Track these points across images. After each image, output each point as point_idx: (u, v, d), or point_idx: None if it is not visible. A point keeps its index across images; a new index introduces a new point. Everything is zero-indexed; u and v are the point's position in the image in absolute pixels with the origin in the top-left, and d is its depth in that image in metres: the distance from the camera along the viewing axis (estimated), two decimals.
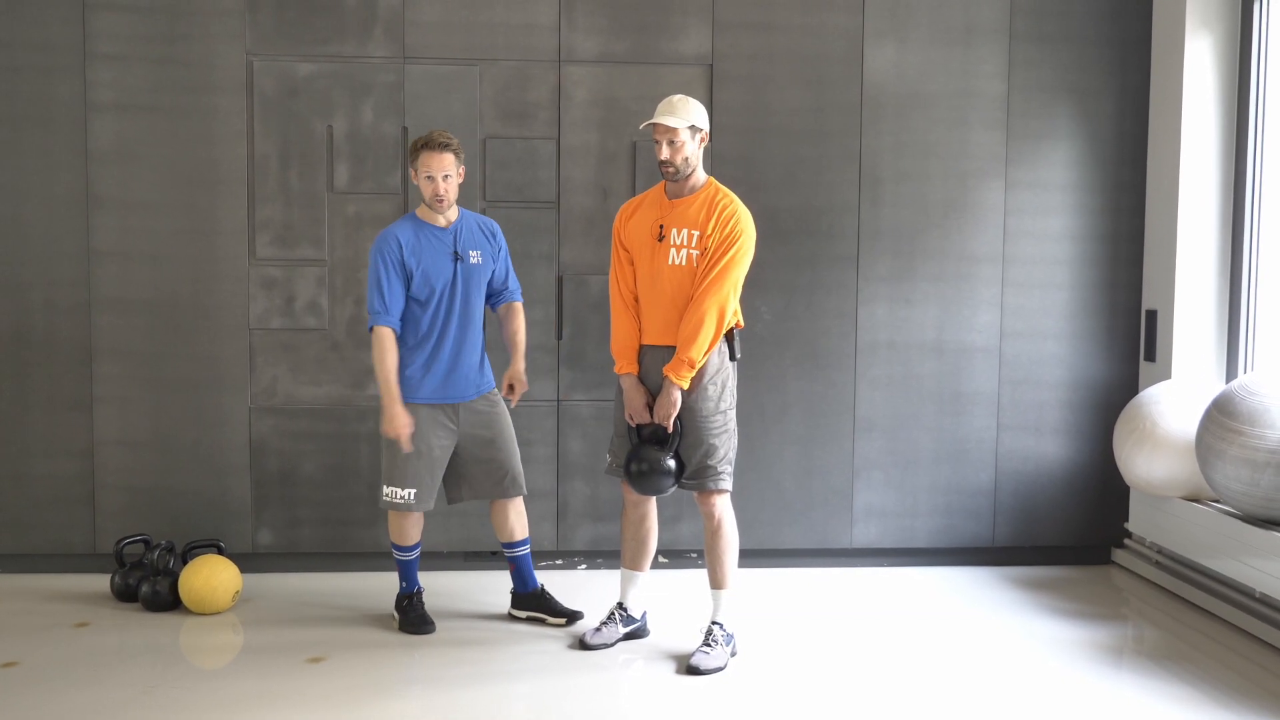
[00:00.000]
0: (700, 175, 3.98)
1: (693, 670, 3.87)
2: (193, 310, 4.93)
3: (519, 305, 4.39)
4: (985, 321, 5.21)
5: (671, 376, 3.86)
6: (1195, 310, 4.98)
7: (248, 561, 4.92)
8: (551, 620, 4.30)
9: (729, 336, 3.99)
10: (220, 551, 4.69)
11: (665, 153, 3.87)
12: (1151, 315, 5.14)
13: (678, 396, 3.88)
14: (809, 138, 5.07)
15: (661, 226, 3.93)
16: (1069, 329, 5.24)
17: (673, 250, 3.90)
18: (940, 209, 5.15)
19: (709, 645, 3.95)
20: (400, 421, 4.05)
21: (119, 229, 4.88)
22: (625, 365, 4.00)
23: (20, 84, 4.81)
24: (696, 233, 3.88)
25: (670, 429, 3.91)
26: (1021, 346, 5.22)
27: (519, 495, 4.31)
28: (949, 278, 5.18)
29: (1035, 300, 5.22)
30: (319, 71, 4.91)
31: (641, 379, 4.00)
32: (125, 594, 4.58)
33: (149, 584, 4.50)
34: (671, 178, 3.93)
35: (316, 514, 5.01)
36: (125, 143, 4.87)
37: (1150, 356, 5.15)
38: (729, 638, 4.01)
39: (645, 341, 4.00)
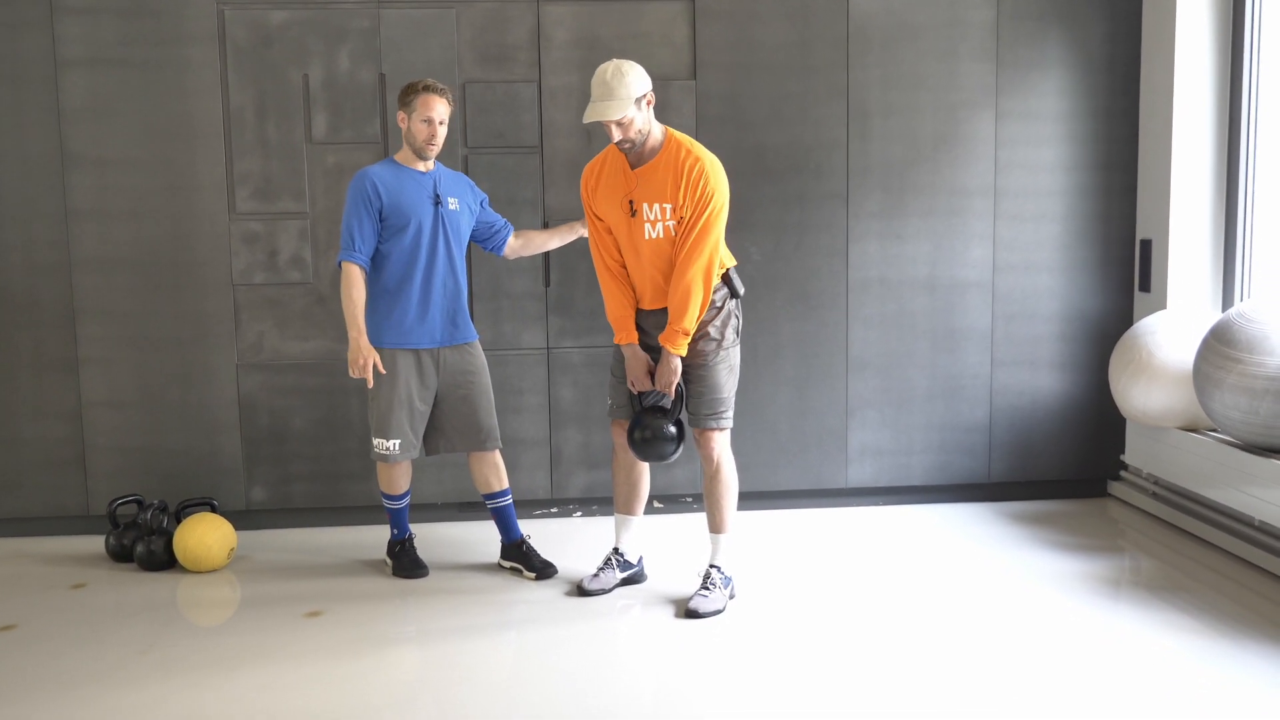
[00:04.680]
0: (656, 134, 3.81)
1: (691, 614, 3.86)
2: (174, 267, 4.86)
3: (520, 230, 4.47)
4: (978, 256, 5.15)
5: (668, 346, 3.83)
6: (1190, 239, 4.92)
7: (242, 519, 4.90)
8: (526, 573, 4.28)
9: (726, 277, 3.93)
10: (214, 509, 4.66)
11: (616, 134, 3.72)
12: (1146, 245, 5.08)
13: (677, 364, 3.85)
14: (795, 73, 4.98)
15: (631, 202, 3.82)
16: (1063, 261, 5.18)
17: (647, 225, 3.81)
18: (930, 142, 5.07)
19: (707, 588, 3.94)
20: (365, 349, 3.99)
21: (96, 187, 4.80)
22: (623, 335, 3.94)
23: None
24: (669, 205, 3.77)
25: (672, 395, 3.89)
26: (1015, 280, 5.17)
27: (495, 449, 4.29)
28: (940, 212, 5.11)
29: (1028, 233, 5.15)
30: (292, 19, 4.79)
31: (643, 344, 3.95)
32: (120, 554, 4.56)
33: (144, 544, 4.47)
34: (630, 152, 3.80)
35: (308, 469, 4.98)
36: (98, 98, 4.77)
37: (1145, 287, 5.10)
38: (727, 580, 3.99)
39: (640, 307, 3.95)
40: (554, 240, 4.46)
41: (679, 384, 3.88)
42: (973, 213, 5.12)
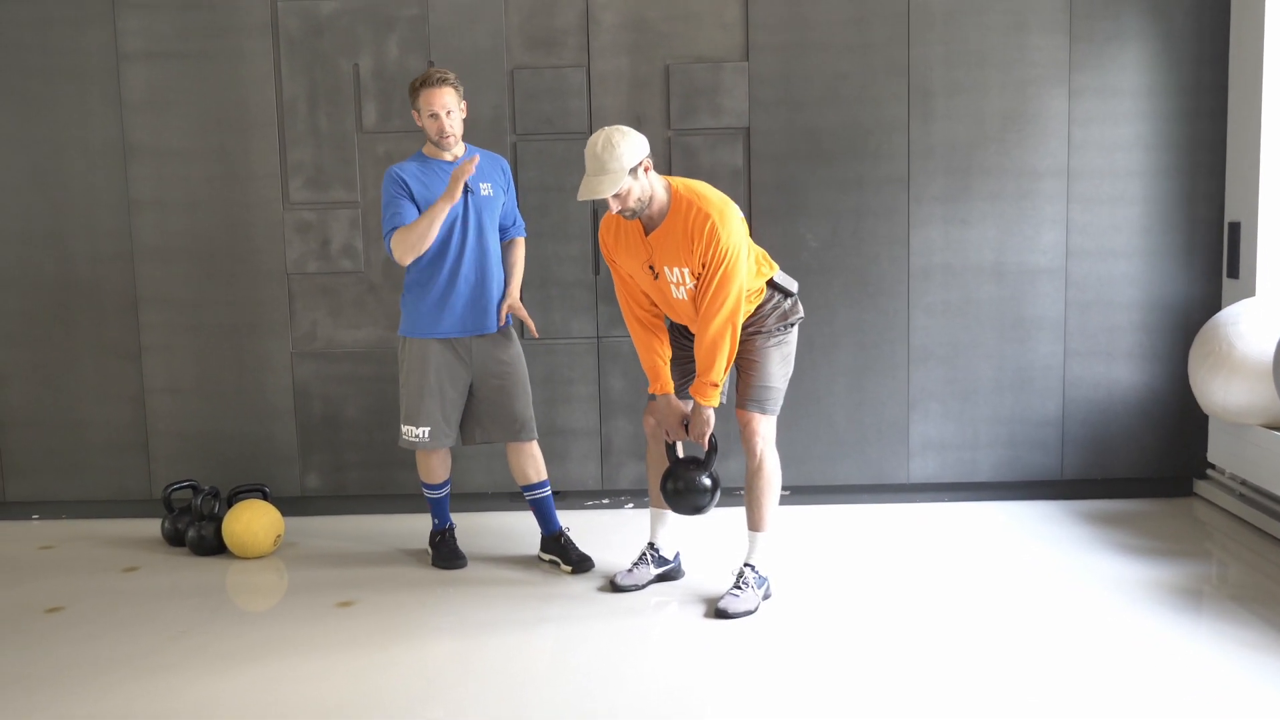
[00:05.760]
0: (660, 194, 3.63)
1: (721, 614, 3.74)
2: (230, 257, 4.93)
3: (521, 240, 4.31)
4: (1049, 241, 4.88)
5: (699, 399, 3.74)
6: None
7: (296, 505, 4.96)
8: (563, 566, 4.22)
9: (771, 284, 3.82)
10: (265, 496, 4.72)
11: (615, 206, 3.58)
12: (1235, 228, 4.74)
13: (710, 415, 3.76)
14: (852, 51, 4.78)
15: (652, 267, 3.72)
16: (1142, 246, 4.88)
17: (672, 286, 3.72)
18: (998, 122, 4.82)
19: (740, 588, 3.82)
20: (454, 181, 3.85)
21: (155, 177, 4.89)
22: (657, 385, 3.86)
23: (52, 36, 4.82)
24: (686, 269, 3.66)
25: (706, 446, 3.81)
26: (1090, 266, 4.89)
27: (530, 440, 4.23)
28: (1009, 195, 4.85)
29: (1104, 216, 4.86)
30: (342, 8, 4.80)
31: (687, 351, 3.88)
32: (175, 539, 4.66)
33: (195, 529, 4.56)
34: (634, 219, 3.67)
35: (361, 457, 5.01)
36: (157, 90, 4.85)
37: (1233, 273, 4.76)
38: (762, 580, 3.86)
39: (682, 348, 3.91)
40: (512, 278, 4.23)
41: (712, 436, 3.80)
42: (1043, 196, 4.85)
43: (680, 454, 3.90)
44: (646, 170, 3.59)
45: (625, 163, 3.52)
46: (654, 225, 3.67)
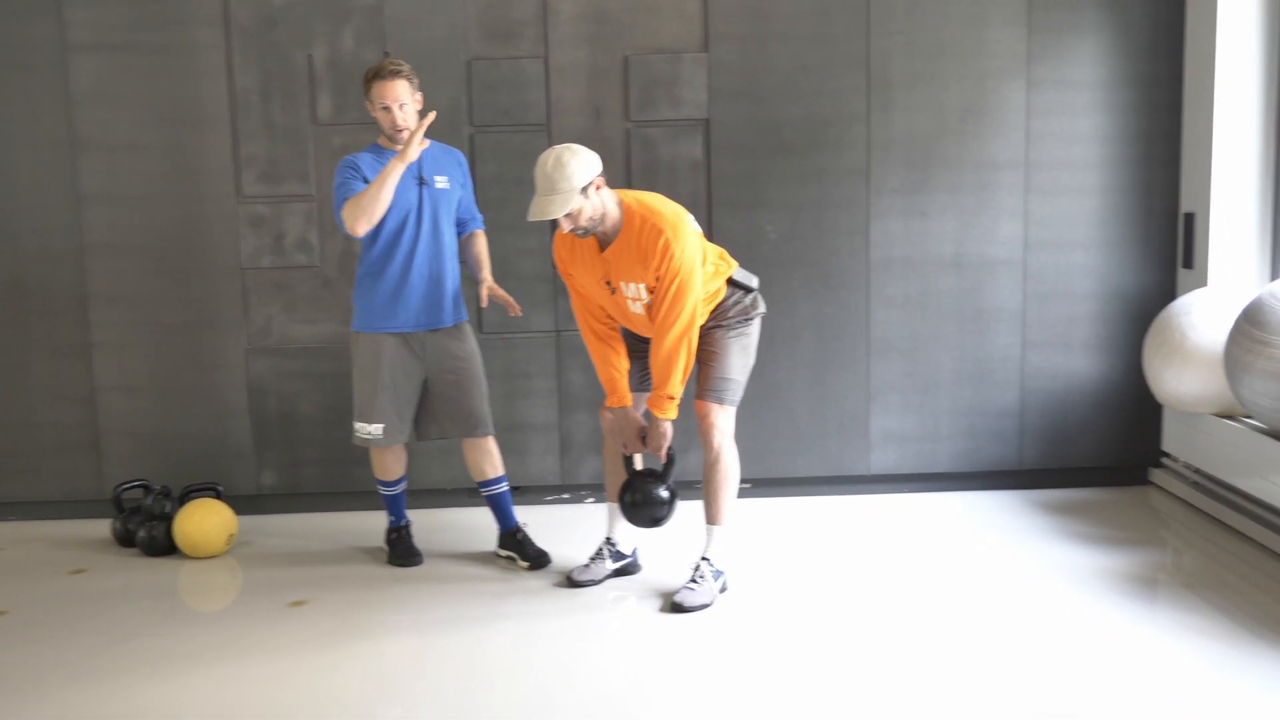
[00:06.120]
0: (613, 211, 3.61)
1: (677, 607, 3.72)
2: (183, 252, 4.85)
3: (481, 232, 4.26)
4: (1008, 232, 4.89)
5: (656, 412, 3.73)
6: (1235, 212, 4.60)
7: (252, 503, 4.89)
8: (520, 562, 4.19)
9: (731, 282, 3.82)
10: (218, 495, 4.65)
11: (567, 226, 3.56)
12: (1189, 218, 4.77)
13: (667, 428, 3.76)
14: (813, 43, 4.77)
15: (609, 282, 3.70)
16: (1100, 237, 4.89)
17: (629, 301, 3.70)
18: (957, 113, 4.82)
19: (695, 581, 3.80)
20: (405, 151, 3.80)
21: (105, 172, 4.80)
22: (614, 398, 3.83)
23: None
24: (643, 285, 3.64)
25: (664, 459, 3.81)
26: (1048, 258, 4.90)
27: (486, 435, 4.19)
28: (968, 187, 4.86)
29: (1062, 207, 4.88)
30: None
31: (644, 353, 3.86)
32: (125, 539, 4.57)
33: (145, 529, 4.48)
34: (586, 236, 3.63)
35: (318, 454, 4.95)
36: (106, 83, 4.76)
37: (1188, 263, 4.79)
38: (718, 574, 3.84)
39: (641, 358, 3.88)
40: (482, 267, 4.20)
41: (670, 449, 3.80)
42: (1002, 187, 4.86)
43: (638, 466, 3.89)
44: (598, 189, 3.56)
45: (576, 182, 3.48)
46: (609, 241, 3.65)
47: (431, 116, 3.84)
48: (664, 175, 4.80)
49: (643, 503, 3.79)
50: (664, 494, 3.79)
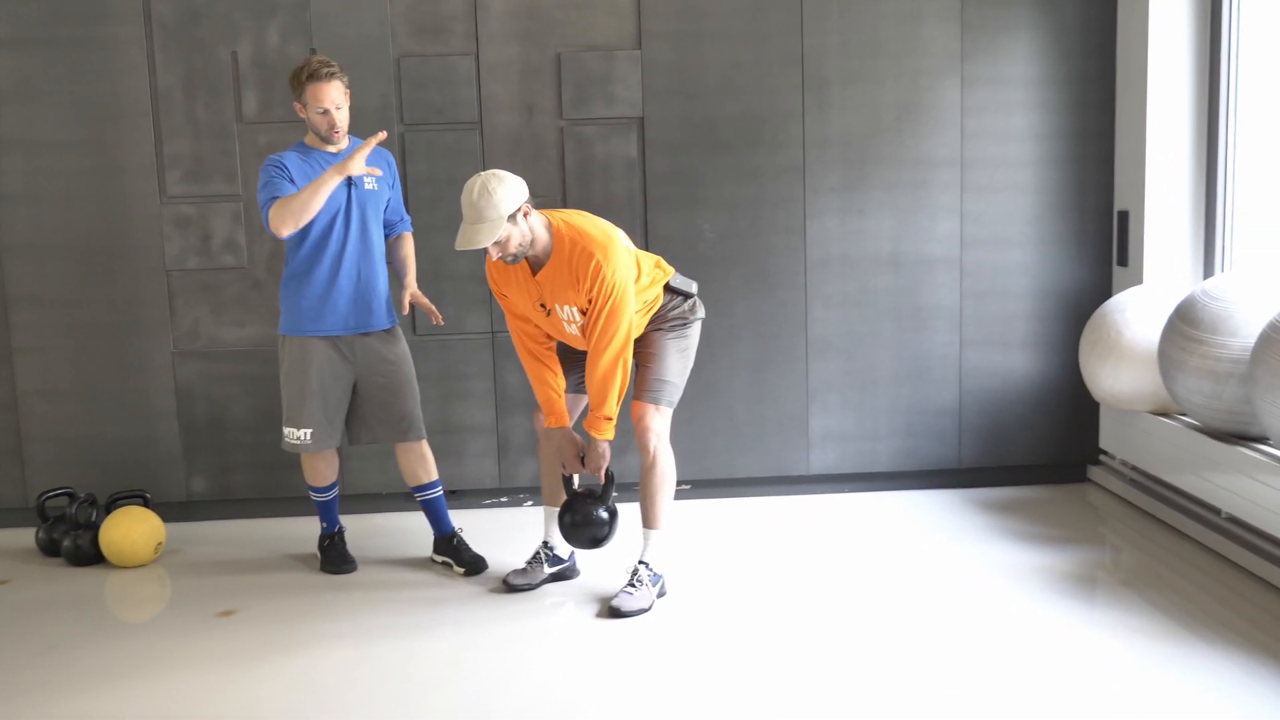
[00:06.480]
0: (542, 235, 3.55)
1: (614, 612, 3.68)
2: (106, 253, 4.72)
3: (409, 234, 4.20)
4: (945, 230, 4.89)
5: (593, 433, 3.70)
6: (1168, 210, 4.64)
7: (181, 510, 4.78)
8: (456, 568, 4.12)
9: (669, 288, 3.79)
10: (145, 502, 4.53)
11: (495, 254, 3.50)
12: (1123, 216, 4.80)
13: (605, 448, 3.72)
14: (747, 40, 4.73)
15: (543, 305, 3.66)
16: (1035, 235, 4.91)
17: (565, 323, 3.67)
18: (892, 112, 4.81)
19: (633, 586, 3.75)
20: (346, 164, 3.72)
21: (24, 170, 4.66)
22: (553, 419, 3.78)
23: None
24: (576, 307, 3.61)
25: (603, 478, 3.77)
26: (984, 256, 4.91)
27: (419, 439, 4.12)
28: (904, 185, 4.85)
29: (998, 205, 4.89)
30: None
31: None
32: (50, 549, 4.45)
33: (70, 538, 4.36)
34: (515, 262, 3.58)
35: (249, 459, 4.84)
36: (24, 79, 4.62)
37: (1123, 261, 4.82)
38: (656, 578, 3.80)
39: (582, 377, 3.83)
40: (408, 272, 4.17)
41: (609, 469, 3.77)
42: (938, 185, 4.86)
43: (576, 486, 3.85)
44: (526, 215, 3.50)
45: (503, 210, 3.43)
46: (540, 265, 3.61)
47: (381, 135, 3.77)
48: (598, 174, 4.75)
49: (582, 523, 3.76)
50: (603, 514, 3.77)
